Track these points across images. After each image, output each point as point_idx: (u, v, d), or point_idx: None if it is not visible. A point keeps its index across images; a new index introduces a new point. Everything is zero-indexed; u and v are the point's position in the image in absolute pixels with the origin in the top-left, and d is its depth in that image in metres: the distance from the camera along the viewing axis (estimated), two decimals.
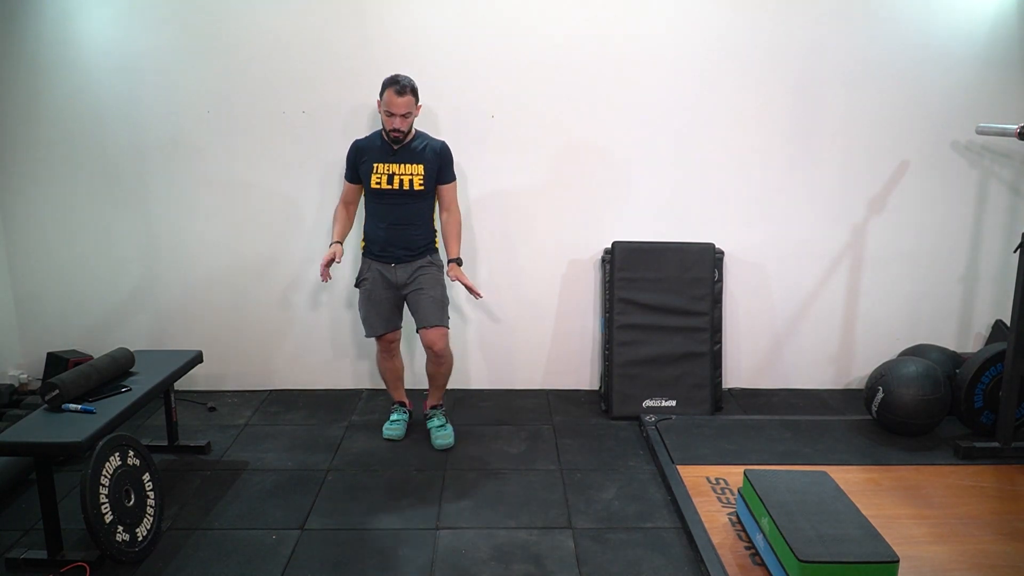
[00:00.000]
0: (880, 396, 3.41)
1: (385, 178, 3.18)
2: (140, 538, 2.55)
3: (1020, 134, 3.18)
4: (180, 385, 3.36)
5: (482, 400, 3.95)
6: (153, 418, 3.64)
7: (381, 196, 3.21)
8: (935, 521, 2.77)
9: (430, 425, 3.48)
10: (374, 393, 4.01)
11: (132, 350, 3.08)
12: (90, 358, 3.79)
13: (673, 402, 3.76)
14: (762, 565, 2.48)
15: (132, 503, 2.56)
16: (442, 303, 3.32)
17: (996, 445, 3.24)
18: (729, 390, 4.08)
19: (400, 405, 3.59)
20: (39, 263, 3.88)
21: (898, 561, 2.21)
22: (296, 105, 3.69)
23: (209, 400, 3.89)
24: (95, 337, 3.93)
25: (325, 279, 3.22)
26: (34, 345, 3.94)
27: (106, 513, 2.43)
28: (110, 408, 2.64)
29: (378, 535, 2.73)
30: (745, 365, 4.08)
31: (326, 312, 3.96)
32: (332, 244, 3.29)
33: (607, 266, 3.83)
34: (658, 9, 3.63)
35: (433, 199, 3.32)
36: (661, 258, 3.78)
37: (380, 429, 3.55)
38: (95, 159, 3.74)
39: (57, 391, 2.61)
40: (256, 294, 3.93)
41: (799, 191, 3.86)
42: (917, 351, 3.84)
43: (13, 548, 2.62)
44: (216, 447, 3.38)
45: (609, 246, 3.85)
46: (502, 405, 3.89)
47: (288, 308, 3.95)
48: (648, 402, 3.75)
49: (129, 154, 3.74)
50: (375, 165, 3.19)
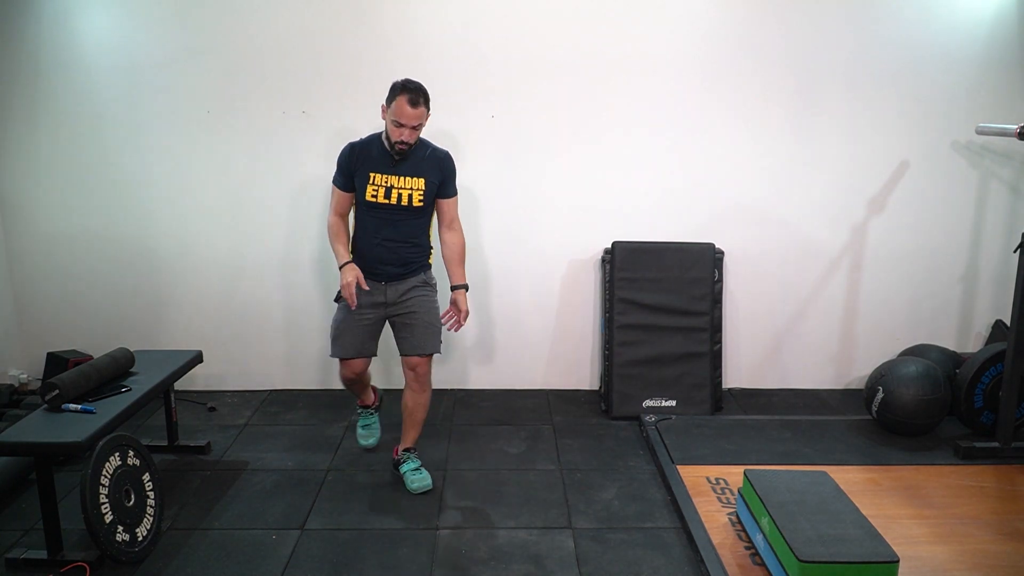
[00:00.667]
0: (880, 396, 3.41)
1: (383, 191, 2.83)
2: (140, 538, 2.55)
3: (1020, 134, 3.18)
4: (180, 385, 3.36)
5: (482, 400, 3.95)
6: (153, 418, 3.64)
7: (376, 209, 2.87)
8: (935, 521, 2.77)
9: (405, 469, 3.06)
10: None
11: (132, 350, 3.08)
12: (90, 358, 3.78)
13: (673, 402, 3.75)
14: (762, 565, 2.48)
15: (132, 503, 2.56)
16: (437, 328, 2.98)
17: (996, 445, 3.24)
18: (729, 390, 4.08)
19: (366, 406, 3.33)
20: (39, 263, 3.88)
21: (898, 561, 2.21)
22: (296, 105, 3.69)
23: (209, 400, 3.89)
24: (95, 337, 3.93)
25: (354, 304, 2.83)
26: (34, 345, 3.94)
27: (106, 513, 2.43)
28: (110, 408, 2.64)
29: (378, 535, 2.73)
30: (745, 365, 4.08)
31: (326, 312, 3.95)
32: (345, 265, 2.85)
33: (607, 266, 3.83)
34: (658, 9, 3.63)
35: (432, 214, 3.01)
36: (661, 258, 3.78)
37: (380, 429, 3.54)
38: (94, 159, 3.74)
39: (57, 391, 2.61)
40: (256, 294, 3.93)
41: (799, 191, 3.86)
42: (917, 351, 3.84)
43: (13, 548, 2.62)
44: (216, 447, 3.38)
45: (609, 246, 3.85)
46: (502, 405, 3.89)
47: (288, 308, 3.95)
48: (648, 402, 3.75)
49: (129, 154, 3.74)
50: (372, 175, 2.84)
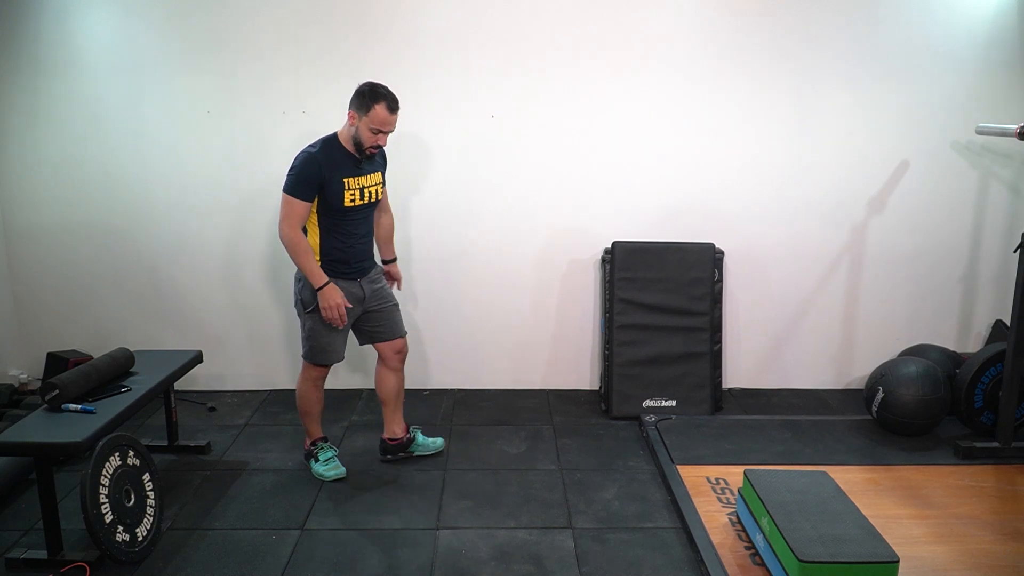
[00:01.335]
0: (880, 396, 3.41)
1: (358, 193, 2.89)
2: (140, 538, 2.55)
3: (1020, 134, 3.18)
4: (180, 385, 3.36)
5: (482, 400, 3.95)
6: (153, 418, 3.64)
7: (355, 212, 2.92)
8: (935, 521, 2.77)
9: (422, 440, 3.30)
10: (373, 393, 4.00)
11: (132, 350, 3.08)
12: (90, 358, 3.78)
13: (673, 402, 3.75)
14: (762, 565, 2.48)
15: (132, 503, 2.56)
16: (399, 309, 3.20)
17: (996, 445, 3.24)
18: (729, 390, 4.08)
19: (324, 440, 3.21)
20: (39, 263, 3.88)
21: (898, 561, 2.21)
22: (296, 105, 3.69)
23: (209, 400, 3.89)
24: (95, 337, 3.93)
25: (343, 323, 2.91)
26: (34, 345, 3.94)
27: (106, 513, 2.43)
28: (110, 408, 2.64)
29: (378, 535, 2.73)
30: (745, 365, 4.08)
31: None
32: (326, 287, 2.84)
33: (607, 266, 3.82)
34: (659, 10, 3.63)
35: None
36: (661, 258, 3.78)
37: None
38: (94, 159, 3.74)
39: (57, 391, 2.61)
40: (256, 294, 3.93)
41: (799, 191, 3.86)
42: (917, 351, 3.84)
43: (13, 548, 2.62)
44: (216, 447, 3.38)
45: (609, 246, 3.85)
46: (502, 405, 3.89)
47: (288, 308, 3.94)
48: (648, 402, 3.75)
49: (129, 154, 3.74)
50: (345, 181, 2.85)
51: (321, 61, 3.64)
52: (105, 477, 2.46)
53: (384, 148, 2.98)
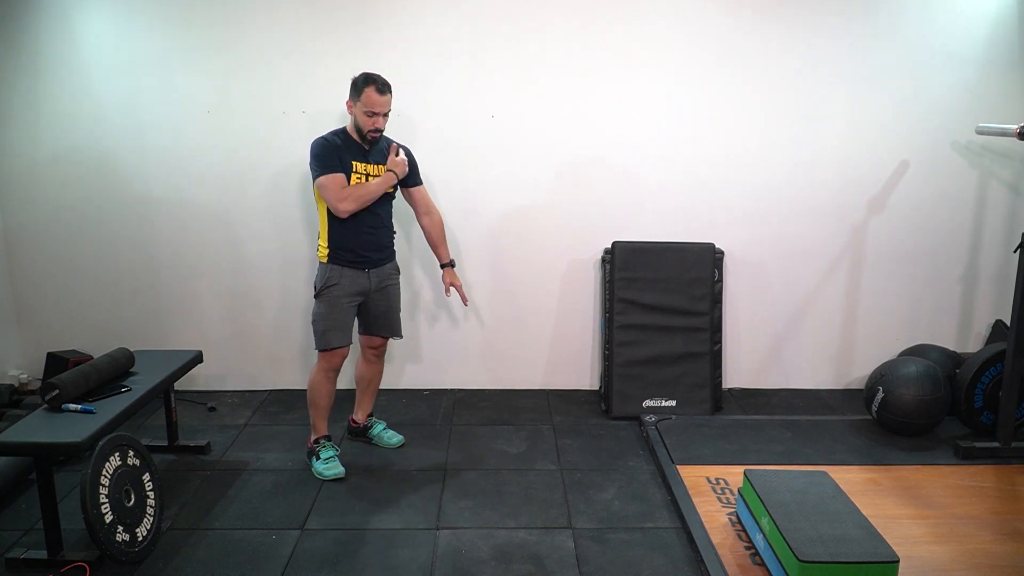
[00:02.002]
0: (880, 396, 3.41)
1: (364, 179, 3.01)
2: (140, 538, 2.55)
3: (1020, 134, 3.18)
4: (180, 385, 3.36)
5: (482, 400, 3.95)
6: (153, 418, 3.64)
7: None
8: (935, 521, 2.77)
9: (378, 430, 3.42)
10: None
11: (132, 350, 3.08)
12: (90, 358, 3.79)
13: (673, 402, 3.75)
14: (762, 565, 2.48)
15: (132, 503, 2.56)
16: (400, 314, 3.32)
17: (996, 445, 3.24)
18: (729, 390, 4.08)
19: (328, 439, 3.22)
20: (39, 263, 3.88)
21: (898, 561, 2.21)
22: (296, 105, 3.69)
23: (209, 400, 3.89)
24: (95, 337, 3.93)
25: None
26: (34, 345, 3.94)
27: (106, 513, 2.43)
28: (110, 408, 2.64)
29: (378, 535, 2.73)
30: (745, 365, 4.08)
31: None
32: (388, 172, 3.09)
33: (607, 266, 3.82)
34: (659, 10, 3.63)
35: (393, 199, 3.19)
36: (661, 258, 3.78)
37: None
38: (94, 159, 3.74)
39: (57, 391, 2.61)
40: (256, 294, 3.93)
41: (799, 191, 3.86)
42: (917, 351, 3.84)
43: (13, 548, 2.62)
44: (216, 447, 3.38)
45: (609, 246, 3.85)
46: (502, 405, 3.89)
47: (288, 308, 3.95)
48: (648, 402, 3.75)
49: (129, 154, 3.74)
50: (354, 163, 3.00)
51: (321, 61, 3.64)
52: (105, 477, 2.46)
53: (408, 149, 3.17)
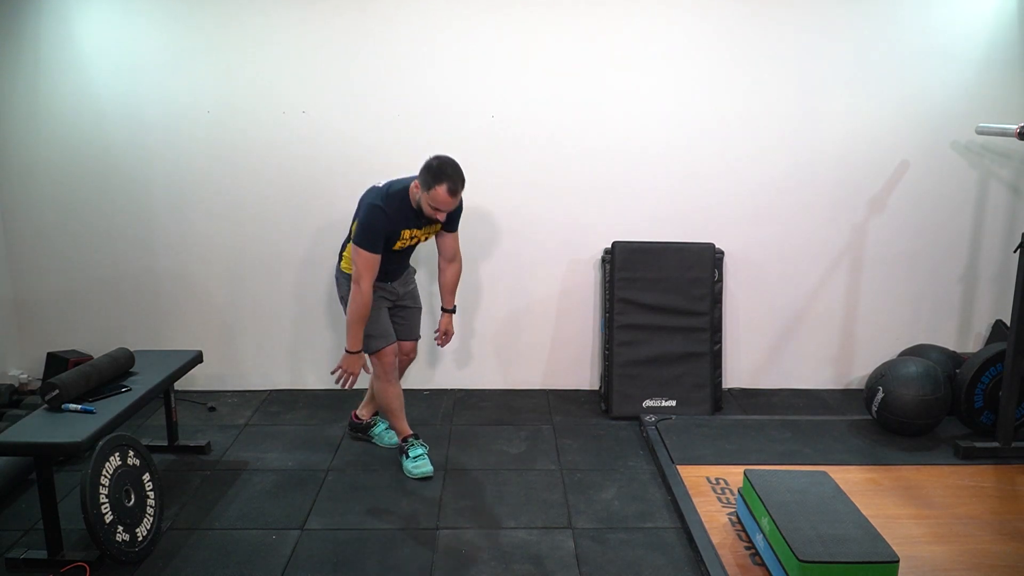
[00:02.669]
0: (880, 396, 3.41)
1: (409, 241, 2.99)
2: (140, 538, 2.55)
3: (1020, 134, 3.18)
4: (180, 385, 3.36)
5: (482, 400, 3.95)
6: (153, 418, 3.64)
7: (396, 252, 3.01)
8: (935, 521, 2.77)
9: (379, 430, 3.42)
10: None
11: (132, 350, 3.08)
12: (90, 358, 3.79)
13: (673, 402, 3.75)
14: (762, 565, 2.48)
15: (132, 503, 2.56)
16: (421, 313, 3.35)
17: (996, 445, 3.24)
18: (729, 390, 4.08)
19: (416, 437, 3.22)
20: (39, 263, 3.87)
21: (898, 561, 2.21)
22: (296, 105, 3.69)
23: (209, 400, 3.89)
24: (95, 337, 3.93)
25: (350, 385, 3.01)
26: (34, 345, 3.94)
27: (106, 513, 2.43)
28: (110, 408, 2.64)
29: (378, 535, 2.73)
30: (745, 365, 4.08)
31: (326, 312, 3.96)
32: (357, 354, 2.96)
33: (607, 266, 3.82)
34: (659, 10, 3.63)
35: None
36: (661, 258, 3.78)
37: None
38: (95, 159, 3.74)
39: (57, 391, 2.61)
40: (256, 294, 3.93)
41: (799, 191, 3.86)
42: (917, 351, 3.84)
43: (13, 548, 2.62)
44: (216, 447, 3.38)
45: (609, 246, 3.85)
46: (502, 405, 3.88)
47: (288, 308, 3.95)
48: (648, 402, 3.75)
49: (129, 154, 3.74)
50: (402, 232, 2.93)
51: (321, 61, 3.64)
52: (105, 477, 2.46)
53: (460, 201, 2.96)
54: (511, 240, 3.89)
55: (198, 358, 3.26)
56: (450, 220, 3.06)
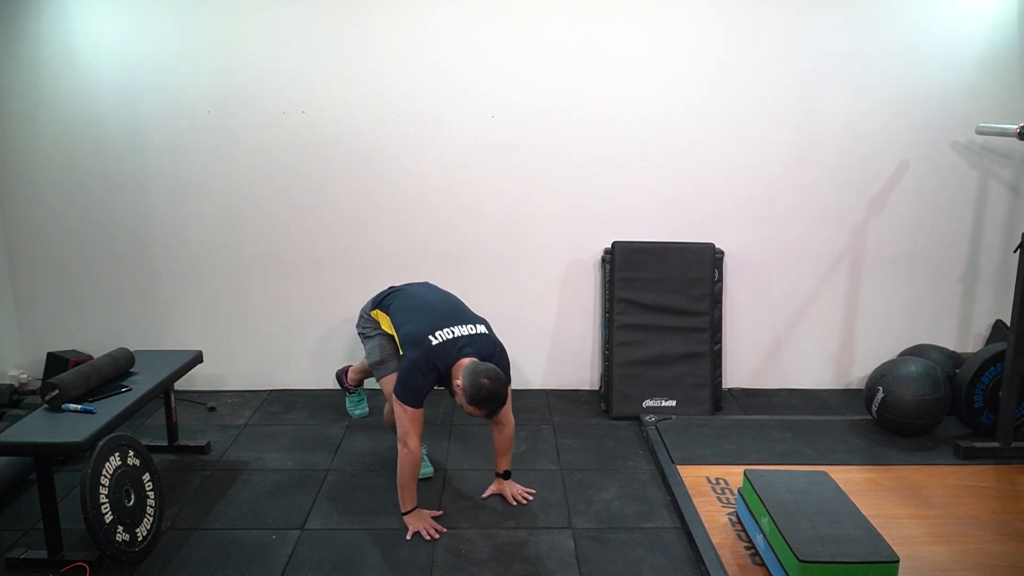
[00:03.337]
0: (880, 396, 3.41)
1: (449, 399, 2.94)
2: (140, 538, 2.55)
3: (1020, 134, 3.18)
4: (180, 385, 3.36)
5: None
6: (153, 418, 3.64)
7: None
8: (935, 521, 2.77)
9: (352, 402, 3.73)
10: (374, 393, 4.00)
11: (132, 350, 3.08)
12: (90, 358, 3.78)
13: (673, 402, 3.75)
14: (762, 565, 2.48)
15: (132, 503, 2.56)
16: None
17: (996, 445, 3.24)
18: (729, 390, 4.08)
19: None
20: (39, 263, 3.87)
21: (898, 561, 2.21)
22: (296, 105, 3.69)
23: (209, 400, 3.89)
24: (95, 337, 3.93)
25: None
26: (34, 345, 3.94)
27: (106, 513, 2.43)
28: (110, 408, 2.64)
29: (378, 535, 2.73)
30: (745, 365, 4.08)
31: (326, 312, 3.96)
32: (415, 510, 2.77)
33: (607, 266, 3.82)
34: (657, 10, 3.63)
35: None
36: (661, 258, 3.78)
37: (380, 429, 3.54)
38: (95, 159, 3.74)
39: (57, 391, 2.61)
40: (256, 294, 3.93)
41: (799, 191, 3.86)
42: (917, 351, 3.84)
43: (13, 548, 2.62)
44: (216, 447, 3.38)
45: (609, 246, 3.85)
46: None
47: (288, 308, 3.95)
48: (648, 402, 3.75)
49: (129, 154, 3.74)
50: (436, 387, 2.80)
51: (321, 61, 3.64)
52: (105, 477, 2.46)
53: (501, 352, 2.88)
54: (511, 240, 3.89)
55: (198, 358, 3.26)
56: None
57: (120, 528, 2.47)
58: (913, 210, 3.89)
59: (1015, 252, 3.20)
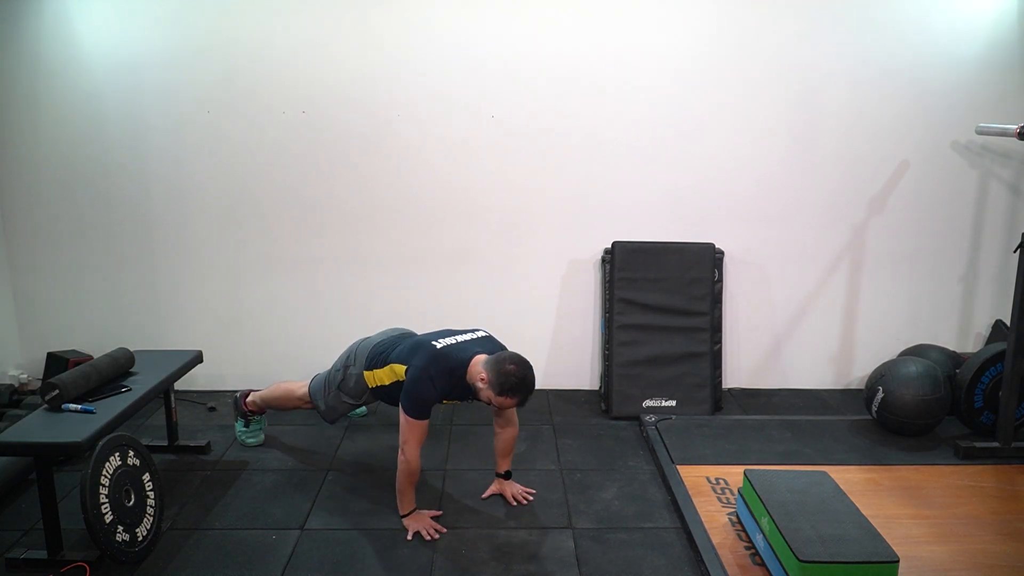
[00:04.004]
0: (880, 396, 3.41)
1: (444, 405, 2.92)
2: (140, 538, 2.55)
3: (1020, 134, 3.18)
4: (180, 385, 3.35)
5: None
6: (153, 418, 3.64)
7: None
8: (935, 521, 2.77)
9: (245, 427, 3.40)
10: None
11: (132, 350, 3.08)
12: (90, 358, 3.78)
13: (673, 402, 3.75)
14: (762, 565, 2.48)
15: (132, 503, 2.56)
16: None
17: (996, 445, 3.24)
18: (729, 390, 4.08)
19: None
20: (39, 263, 3.87)
21: (898, 561, 2.21)
22: (296, 105, 3.69)
23: (209, 400, 3.89)
24: (95, 337, 3.93)
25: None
26: (34, 345, 3.94)
27: (106, 513, 2.43)
28: (110, 408, 2.63)
29: (378, 535, 2.73)
30: (745, 365, 4.08)
31: (325, 312, 3.96)
32: (414, 511, 2.78)
33: (607, 266, 3.82)
34: (658, 10, 3.63)
35: None
36: (661, 258, 3.78)
37: (379, 429, 3.54)
38: (95, 159, 3.74)
39: (57, 391, 2.61)
40: (256, 294, 3.93)
41: (799, 191, 3.86)
42: (917, 351, 3.84)
43: (13, 548, 2.62)
44: (216, 447, 3.38)
45: (609, 246, 3.85)
46: None
47: (288, 308, 3.95)
48: (648, 402, 3.75)
49: (129, 154, 3.74)
50: (443, 400, 2.79)
51: (321, 61, 3.64)
52: (105, 477, 2.46)
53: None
54: (511, 240, 3.89)
55: (198, 358, 3.26)
56: None
57: (120, 528, 2.47)
58: (913, 210, 3.89)
59: (1015, 252, 3.20)
